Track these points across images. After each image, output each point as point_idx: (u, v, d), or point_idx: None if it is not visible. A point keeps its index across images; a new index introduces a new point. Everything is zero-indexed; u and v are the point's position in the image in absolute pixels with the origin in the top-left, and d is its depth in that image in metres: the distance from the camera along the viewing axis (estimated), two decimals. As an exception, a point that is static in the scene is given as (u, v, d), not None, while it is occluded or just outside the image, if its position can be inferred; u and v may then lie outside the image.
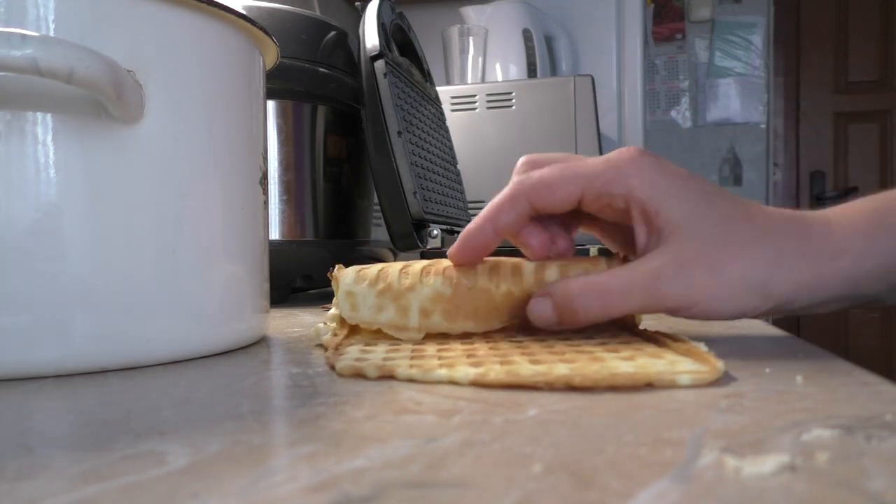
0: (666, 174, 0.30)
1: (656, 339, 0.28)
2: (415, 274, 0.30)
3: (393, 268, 0.31)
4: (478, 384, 0.22)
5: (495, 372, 0.23)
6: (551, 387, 0.22)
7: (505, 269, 0.31)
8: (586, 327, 0.32)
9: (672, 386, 0.22)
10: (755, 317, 0.30)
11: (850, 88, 2.44)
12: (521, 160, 0.34)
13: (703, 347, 0.26)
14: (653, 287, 0.28)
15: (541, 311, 0.29)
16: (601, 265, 0.31)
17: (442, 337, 0.31)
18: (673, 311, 0.29)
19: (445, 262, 0.31)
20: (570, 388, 0.22)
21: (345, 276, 0.31)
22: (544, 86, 1.16)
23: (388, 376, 0.24)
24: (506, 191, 0.31)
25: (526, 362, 0.24)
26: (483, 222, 0.31)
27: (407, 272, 0.31)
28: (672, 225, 0.29)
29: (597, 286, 0.29)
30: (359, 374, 0.24)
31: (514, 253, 0.33)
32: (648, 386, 0.22)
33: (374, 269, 0.31)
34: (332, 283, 0.32)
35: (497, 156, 1.12)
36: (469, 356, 0.26)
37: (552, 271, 0.31)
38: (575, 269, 0.31)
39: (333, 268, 0.32)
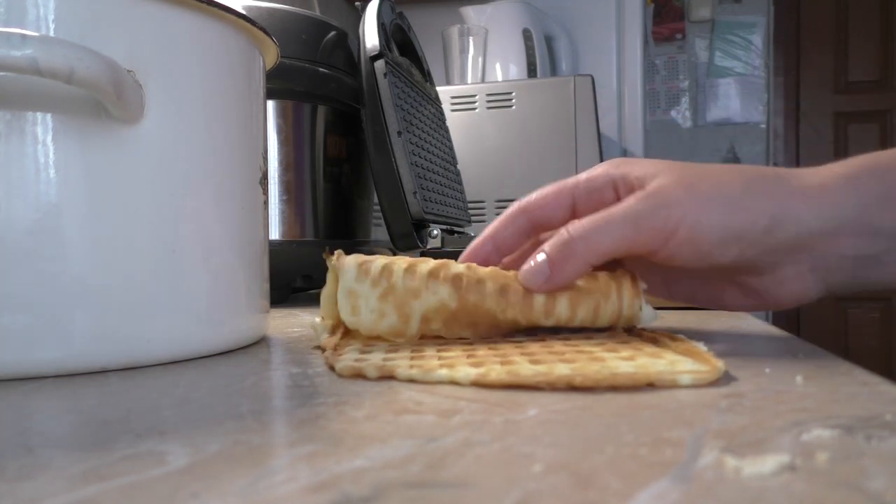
0: (638, 159, 0.33)
1: (656, 339, 0.28)
2: (422, 277, 0.29)
3: (398, 265, 0.30)
4: (479, 384, 0.22)
5: (496, 372, 0.23)
6: (552, 387, 0.22)
7: (516, 296, 0.30)
8: (585, 328, 0.32)
9: (672, 386, 0.22)
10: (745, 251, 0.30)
11: (850, 88, 2.44)
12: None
13: (702, 347, 0.26)
14: (633, 210, 0.29)
15: (536, 270, 0.30)
16: (612, 294, 0.31)
17: (441, 337, 0.30)
18: (657, 235, 0.29)
19: (455, 268, 0.30)
20: (571, 388, 0.22)
21: (346, 271, 0.29)
22: (544, 86, 1.16)
23: (388, 376, 0.24)
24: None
25: (526, 362, 0.24)
26: (483, 237, 0.34)
27: (413, 271, 0.29)
28: (649, 175, 0.31)
29: (577, 230, 0.30)
30: (359, 375, 0.24)
31: None
32: (649, 386, 0.22)
33: (377, 262, 0.30)
34: (328, 263, 0.30)
35: (497, 156, 1.12)
36: (469, 356, 0.26)
37: (562, 303, 0.30)
38: (586, 301, 0.30)
39: (333, 254, 0.30)
